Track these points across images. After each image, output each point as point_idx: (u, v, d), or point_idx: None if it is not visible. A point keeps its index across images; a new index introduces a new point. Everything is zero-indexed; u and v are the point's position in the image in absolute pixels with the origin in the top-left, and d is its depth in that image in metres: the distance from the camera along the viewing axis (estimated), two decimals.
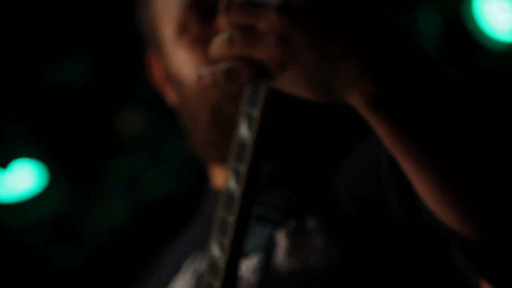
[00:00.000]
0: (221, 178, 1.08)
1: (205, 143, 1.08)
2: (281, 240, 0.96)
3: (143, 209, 2.86)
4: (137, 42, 2.94)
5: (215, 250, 0.83)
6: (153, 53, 1.15)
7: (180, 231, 1.23)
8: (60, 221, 2.77)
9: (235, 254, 0.81)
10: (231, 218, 0.81)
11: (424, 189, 0.72)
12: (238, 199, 0.80)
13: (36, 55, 2.85)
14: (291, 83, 0.70)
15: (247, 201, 0.80)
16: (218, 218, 0.84)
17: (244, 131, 0.80)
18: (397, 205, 0.91)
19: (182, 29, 1.05)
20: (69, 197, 2.79)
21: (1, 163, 2.72)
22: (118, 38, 2.86)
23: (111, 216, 2.81)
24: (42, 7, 2.77)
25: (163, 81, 1.14)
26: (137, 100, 2.93)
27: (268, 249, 0.96)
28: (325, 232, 0.93)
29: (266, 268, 0.94)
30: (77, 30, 2.80)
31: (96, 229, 2.79)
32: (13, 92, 2.85)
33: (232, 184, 0.81)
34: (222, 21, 0.91)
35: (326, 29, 0.67)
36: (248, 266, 0.94)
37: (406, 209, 0.90)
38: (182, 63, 1.05)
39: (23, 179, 2.70)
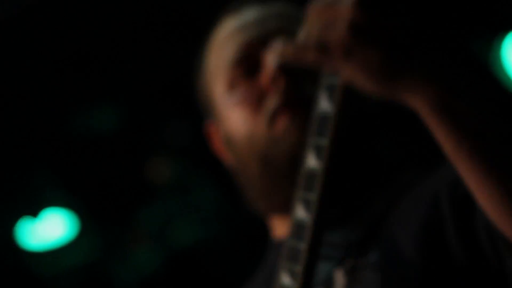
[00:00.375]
0: (281, 229, 1.07)
1: (258, 194, 1.07)
2: (339, 278, 0.95)
3: (173, 258, 2.85)
4: (168, 91, 3.00)
5: (286, 279, 0.82)
6: (211, 121, 1.15)
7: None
8: (91, 269, 2.77)
9: (308, 280, 0.81)
10: (303, 246, 0.80)
11: (486, 199, 0.72)
12: (309, 226, 0.80)
13: (66, 104, 2.90)
14: (353, 71, 0.71)
15: (319, 228, 0.80)
16: (287, 248, 0.83)
17: (312, 161, 0.79)
18: (458, 245, 0.89)
19: (231, 87, 1.07)
20: (100, 245, 2.79)
21: (32, 212, 2.74)
22: (149, 86, 2.90)
23: (141, 264, 2.80)
24: (73, 56, 2.83)
25: (222, 148, 1.13)
26: (167, 148, 2.95)
27: (327, 286, 0.95)
28: (382, 269, 0.92)
29: None
30: (108, 79, 2.85)
31: (127, 278, 2.78)
32: (44, 141, 2.88)
33: (301, 213, 0.81)
34: (266, 74, 1.01)
35: (399, 28, 0.69)
36: None
37: (467, 249, 0.88)
38: (232, 120, 1.06)
39: (54, 227, 2.71)
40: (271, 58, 0.99)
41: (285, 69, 1.00)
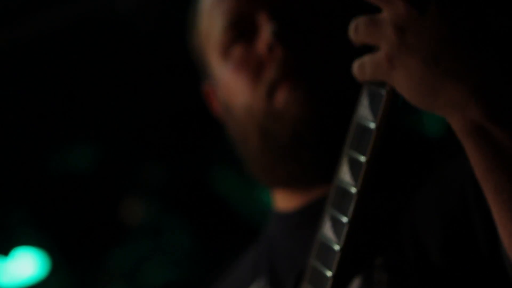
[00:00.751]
0: (283, 202, 1.05)
1: (260, 168, 1.03)
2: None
3: None
4: (143, 133, 3.01)
5: None
6: (208, 82, 1.09)
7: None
8: None
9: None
10: (328, 272, 0.78)
11: (507, 231, 0.68)
12: (336, 255, 0.77)
13: (40, 142, 2.89)
14: (397, 82, 0.69)
15: (345, 256, 0.77)
16: (311, 268, 0.81)
17: (346, 177, 0.76)
18: (485, 243, 0.82)
19: (225, 53, 1.01)
20: (71, 285, 2.76)
21: (2, 251, 2.71)
22: (125, 127, 2.92)
23: None
24: (48, 94, 2.84)
25: (222, 112, 1.08)
26: (141, 189, 2.95)
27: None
28: (392, 283, 0.88)
29: None
30: (83, 118, 2.86)
31: None
32: (16, 179, 2.87)
33: (330, 234, 0.78)
34: (264, 38, 0.95)
35: (443, 42, 0.66)
36: None
37: (493, 248, 0.81)
38: (229, 89, 1.01)
39: (25, 266, 2.68)
40: (267, 24, 0.95)
41: (283, 37, 0.95)
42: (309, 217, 0.97)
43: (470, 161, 0.68)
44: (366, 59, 0.71)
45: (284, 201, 1.04)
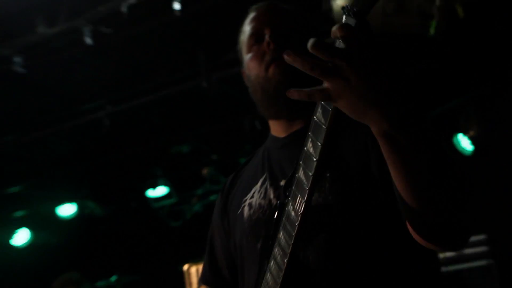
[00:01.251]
0: (275, 130, 1.84)
1: (262, 107, 1.81)
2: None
3: None
4: None
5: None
6: (243, 69, 1.89)
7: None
8: None
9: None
10: (310, 172, 1.30)
11: (397, 180, 1.26)
12: (315, 163, 1.28)
13: None
14: (340, 105, 1.16)
15: (321, 161, 1.27)
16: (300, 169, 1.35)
17: (309, 145, 1.29)
18: (376, 168, 1.51)
19: (249, 50, 1.80)
20: None
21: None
22: None
23: None
24: None
25: (246, 80, 1.88)
26: None
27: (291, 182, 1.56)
28: (332, 181, 1.58)
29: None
30: None
31: None
32: None
33: (311, 150, 1.28)
34: (266, 39, 1.73)
35: (368, 86, 1.12)
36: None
37: (381, 173, 1.47)
38: (249, 68, 1.80)
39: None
40: (268, 35, 1.74)
41: (275, 40, 1.72)
42: (288, 142, 1.76)
43: (381, 147, 1.23)
44: (316, 92, 1.16)
45: (275, 129, 1.85)
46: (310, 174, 1.28)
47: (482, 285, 4.92)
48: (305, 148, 1.29)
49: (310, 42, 1.10)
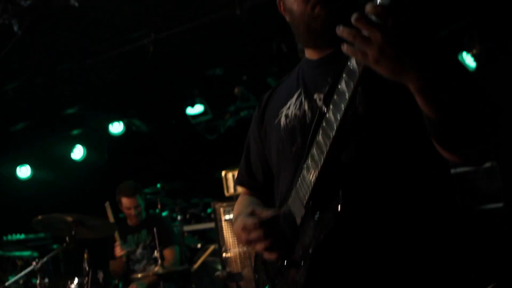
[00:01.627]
0: (309, 54, 1.91)
1: (302, 39, 1.88)
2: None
3: None
4: None
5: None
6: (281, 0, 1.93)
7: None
8: None
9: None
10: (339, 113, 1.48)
11: (431, 110, 1.42)
12: (347, 96, 1.46)
13: None
14: (379, 69, 1.34)
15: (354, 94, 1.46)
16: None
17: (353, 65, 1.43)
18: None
19: None
20: None
21: None
22: None
23: None
24: None
25: (284, 12, 1.92)
26: None
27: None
28: (363, 94, 1.69)
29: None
30: None
31: None
32: None
33: (344, 87, 1.46)
34: None
35: (401, 51, 1.31)
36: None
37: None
38: (294, 5, 1.81)
39: None
40: None
41: None
42: (322, 63, 1.86)
43: (417, 100, 1.42)
44: (357, 53, 1.35)
45: (310, 54, 1.93)
46: (352, 85, 1.44)
47: (487, 184, 5.27)
48: (349, 63, 1.45)
49: (354, 17, 1.30)
